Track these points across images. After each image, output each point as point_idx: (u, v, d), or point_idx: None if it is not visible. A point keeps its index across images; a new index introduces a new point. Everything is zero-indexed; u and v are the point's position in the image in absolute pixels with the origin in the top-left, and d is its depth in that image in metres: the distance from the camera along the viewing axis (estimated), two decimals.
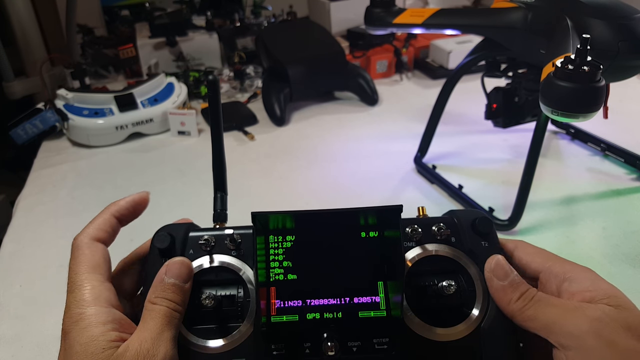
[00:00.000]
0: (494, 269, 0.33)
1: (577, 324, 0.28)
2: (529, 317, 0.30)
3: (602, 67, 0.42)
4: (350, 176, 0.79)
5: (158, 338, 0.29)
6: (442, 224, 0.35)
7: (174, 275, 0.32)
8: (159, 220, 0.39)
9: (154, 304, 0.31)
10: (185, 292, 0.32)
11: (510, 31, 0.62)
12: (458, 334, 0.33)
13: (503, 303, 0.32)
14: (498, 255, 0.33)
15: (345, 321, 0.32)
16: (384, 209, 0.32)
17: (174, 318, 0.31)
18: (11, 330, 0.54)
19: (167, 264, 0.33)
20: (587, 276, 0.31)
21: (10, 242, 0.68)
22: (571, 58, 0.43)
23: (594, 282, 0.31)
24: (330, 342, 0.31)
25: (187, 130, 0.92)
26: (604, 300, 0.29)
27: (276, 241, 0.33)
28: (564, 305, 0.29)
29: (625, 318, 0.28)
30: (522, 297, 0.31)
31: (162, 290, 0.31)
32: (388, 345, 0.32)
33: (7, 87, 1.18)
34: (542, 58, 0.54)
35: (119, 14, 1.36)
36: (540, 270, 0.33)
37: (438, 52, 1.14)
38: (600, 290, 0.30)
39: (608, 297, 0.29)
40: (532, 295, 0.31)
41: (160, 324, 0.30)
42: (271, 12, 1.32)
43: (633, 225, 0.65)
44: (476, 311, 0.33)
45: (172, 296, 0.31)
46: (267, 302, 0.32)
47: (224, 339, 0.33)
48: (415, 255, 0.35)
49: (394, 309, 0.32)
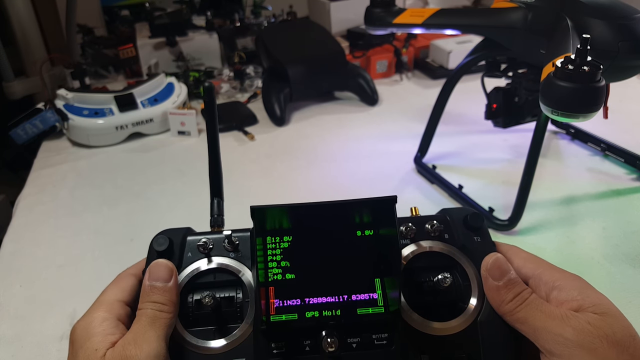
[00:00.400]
0: (490, 268, 0.33)
1: (562, 333, 0.29)
2: (519, 319, 0.31)
3: (602, 67, 0.42)
4: (350, 176, 0.79)
5: (141, 338, 0.30)
6: (435, 222, 0.36)
7: (154, 277, 0.33)
8: (159, 220, 0.39)
9: (140, 309, 0.32)
10: (169, 290, 0.33)
11: (510, 31, 0.62)
12: (455, 328, 0.33)
13: (496, 303, 0.33)
14: (497, 254, 0.34)
15: (344, 318, 0.32)
16: (379, 200, 0.33)
17: (159, 318, 0.32)
18: (11, 330, 0.54)
19: (148, 269, 0.34)
20: (575, 285, 0.32)
21: (10, 242, 0.68)
22: (571, 58, 0.43)
23: (581, 290, 0.31)
24: (330, 339, 0.31)
25: (187, 130, 0.92)
26: (590, 309, 0.30)
27: (274, 242, 0.33)
28: (553, 312, 0.30)
29: (610, 325, 0.29)
30: (516, 299, 0.32)
31: (146, 295, 0.32)
32: (387, 340, 0.32)
33: (7, 87, 1.18)
34: (542, 58, 0.54)
35: (119, 14, 1.36)
36: (530, 276, 0.34)
37: (438, 52, 1.14)
38: (587, 299, 0.31)
39: (594, 305, 0.30)
40: (525, 298, 0.31)
41: (144, 325, 0.31)
42: (271, 12, 1.32)
43: (633, 225, 0.65)
44: (472, 305, 0.34)
45: (155, 298, 0.32)
46: (267, 301, 0.32)
47: (224, 339, 0.33)
48: (410, 252, 0.36)
49: (392, 304, 0.33)
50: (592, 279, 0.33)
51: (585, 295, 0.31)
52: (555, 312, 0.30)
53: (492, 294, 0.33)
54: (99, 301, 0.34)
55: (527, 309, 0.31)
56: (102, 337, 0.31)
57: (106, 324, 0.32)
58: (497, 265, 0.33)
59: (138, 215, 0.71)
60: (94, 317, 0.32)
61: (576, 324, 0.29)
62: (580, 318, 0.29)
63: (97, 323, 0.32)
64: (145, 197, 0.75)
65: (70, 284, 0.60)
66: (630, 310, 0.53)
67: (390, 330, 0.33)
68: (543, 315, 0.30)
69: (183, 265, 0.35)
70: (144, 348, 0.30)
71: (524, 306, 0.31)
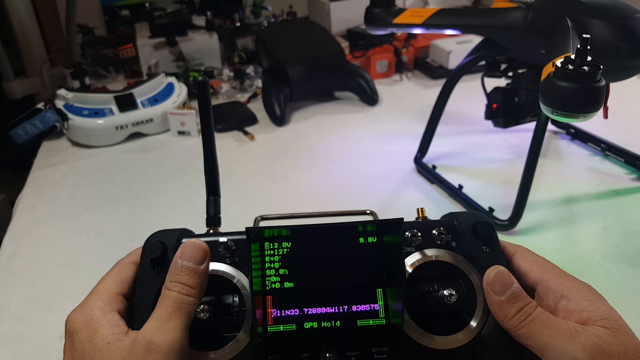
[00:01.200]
0: (491, 282, 0.32)
1: (570, 351, 0.28)
2: (523, 334, 0.30)
3: (602, 67, 0.42)
4: (350, 176, 0.79)
5: (163, 327, 0.29)
6: (442, 228, 0.35)
7: (187, 257, 0.32)
8: (159, 219, 0.39)
9: (168, 289, 0.31)
10: (200, 274, 0.31)
11: (510, 31, 0.61)
12: (458, 342, 0.32)
13: (499, 318, 0.32)
14: (499, 267, 0.32)
15: (344, 330, 0.31)
16: (384, 223, 0.31)
17: (186, 303, 0.30)
18: (11, 330, 0.54)
19: (182, 247, 0.32)
20: (585, 295, 0.31)
21: (10, 242, 0.68)
22: (571, 58, 0.43)
23: (591, 302, 0.30)
24: (329, 353, 0.30)
25: (187, 130, 0.92)
26: (600, 322, 0.29)
27: (272, 248, 0.32)
28: (560, 327, 0.29)
29: (622, 343, 0.28)
30: (519, 314, 0.30)
31: (176, 274, 0.31)
32: (387, 354, 0.31)
33: (7, 87, 1.18)
34: (542, 58, 0.54)
35: (119, 14, 1.36)
36: (538, 282, 0.33)
37: (438, 52, 1.13)
38: (597, 312, 0.30)
39: (604, 319, 0.29)
40: (529, 313, 0.30)
41: (169, 312, 0.30)
42: (271, 12, 1.32)
43: (633, 225, 0.65)
44: (476, 319, 0.33)
45: (185, 279, 0.31)
46: (264, 311, 0.31)
47: (220, 349, 0.32)
48: (415, 261, 0.34)
49: (394, 317, 0.31)
50: (592, 279, 0.32)
51: (595, 308, 0.30)
52: (563, 326, 0.29)
53: (495, 308, 0.32)
54: (98, 291, 0.33)
55: (532, 325, 0.30)
56: (111, 328, 0.30)
57: (110, 316, 0.31)
58: (499, 279, 0.32)
59: (138, 215, 0.71)
60: (94, 310, 0.31)
61: (585, 340, 0.28)
62: (589, 333, 0.28)
63: (99, 315, 0.31)
64: (145, 197, 0.75)
65: (70, 284, 0.60)
66: (630, 310, 0.53)
67: (391, 344, 0.31)
68: (549, 330, 0.29)
69: None
70: (168, 337, 0.29)
71: (529, 322, 0.30)
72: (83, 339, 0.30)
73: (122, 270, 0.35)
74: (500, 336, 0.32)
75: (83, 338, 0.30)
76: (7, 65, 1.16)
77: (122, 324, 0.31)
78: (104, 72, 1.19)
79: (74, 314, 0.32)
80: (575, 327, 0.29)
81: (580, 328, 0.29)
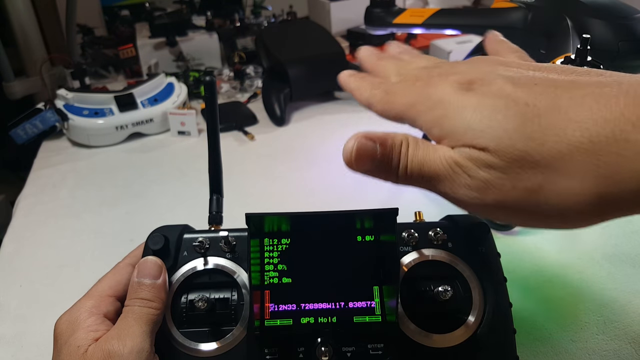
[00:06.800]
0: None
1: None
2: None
3: (602, 67, 0.42)
4: (350, 176, 0.79)
5: (125, 333, 0.30)
6: (439, 229, 0.35)
7: (143, 275, 0.32)
8: (159, 219, 0.39)
9: (127, 305, 0.32)
10: (158, 288, 0.32)
11: (510, 31, 0.62)
12: (454, 340, 0.32)
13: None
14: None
15: (340, 326, 0.32)
16: (380, 212, 0.32)
17: (146, 314, 0.31)
18: (11, 330, 0.54)
19: (137, 266, 0.33)
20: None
21: (10, 242, 0.68)
22: (571, 58, 0.43)
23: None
24: (324, 347, 0.31)
25: (187, 130, 0.92)
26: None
27: (271, 244, 0.32)
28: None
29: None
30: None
31: (134, 292, 0.32)
32: (383, 351, 0.32)
33: (7, 87, 1.18)
34: (542, 58, 0.54)
35: (119, 14, 1.36)
36: None
37: (438, 52, 1.13)
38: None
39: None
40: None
41: (129, 321, 0.31)
42: (271, 12, 1.32)
43: (633, 225, 0.65)
44: (473, 317, 0.33)
45: (143, 294, 0.32)
46: (261, 305, 0.32)
47: (216, 342, 0.32)
48: (412, 260, 0.34)
49: (389, 314, 0.32)
50: (592, 279, 0.32)
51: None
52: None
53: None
54: (90, 294, 0.34)
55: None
56: (86, 333, 0.30)
57: (92, 319, 0.31)
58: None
59: (138, 215, 0.71)
60: (80, 312, 0.32)
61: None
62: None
63: (83, 318, 0.31)
64: (145, 197, 0.75)
65: (70, 284, 0.60)
66: (630, 310, 0.53)
67: (386, 341, 0.32)
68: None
69: (178, 264, 0.35)
70: (127, 343, 0.29)
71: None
72: (63, 340, 0.31)
73: (119, 272, 0.35)
74: (497, 334, 0.32)
75: (63, 339, 0.31)
76: (7, 65, 1.16)
77: (101, 329, 0.31)
78: (104, 72, 1.19)
79: (63, 315, 0.32)
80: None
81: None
